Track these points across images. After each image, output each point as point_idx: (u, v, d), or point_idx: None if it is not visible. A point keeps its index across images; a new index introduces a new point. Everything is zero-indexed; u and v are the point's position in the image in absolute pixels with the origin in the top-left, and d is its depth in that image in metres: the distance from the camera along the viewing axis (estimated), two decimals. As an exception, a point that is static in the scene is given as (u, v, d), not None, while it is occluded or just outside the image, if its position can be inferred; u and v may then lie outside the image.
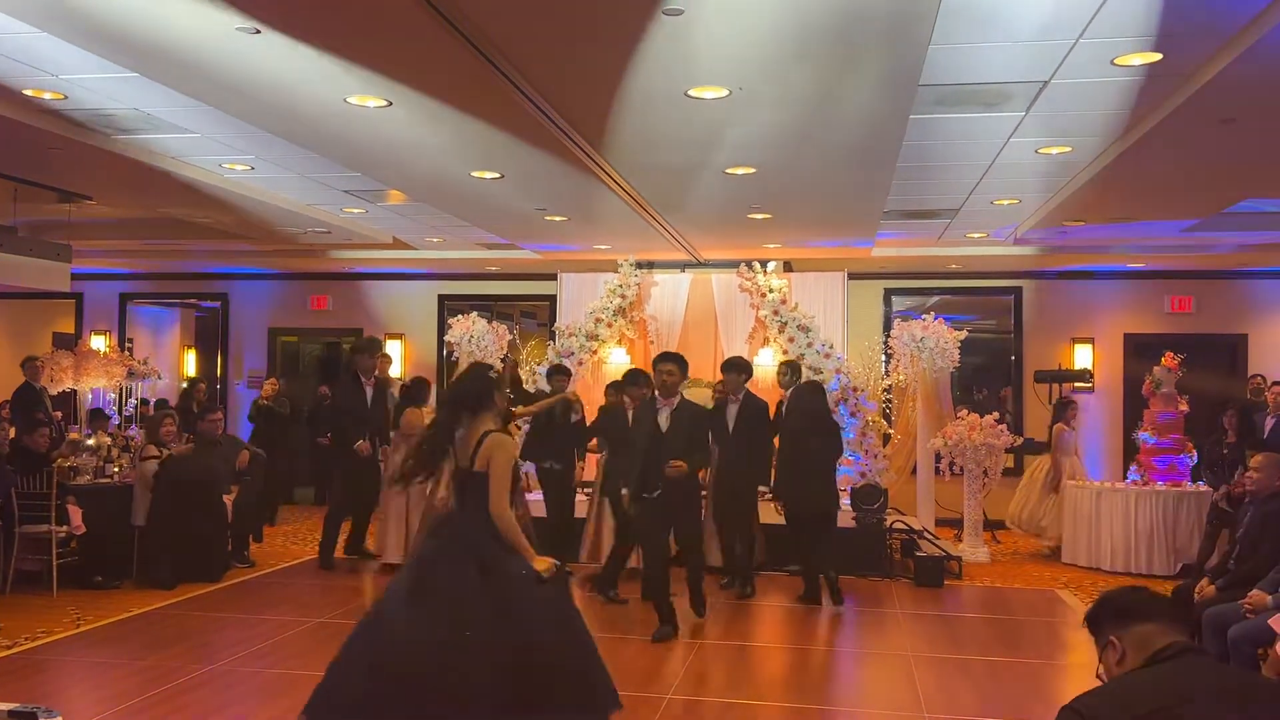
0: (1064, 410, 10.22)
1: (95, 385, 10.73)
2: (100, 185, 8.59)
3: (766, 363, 10.47)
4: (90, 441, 8.73)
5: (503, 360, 10.59)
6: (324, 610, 7.19)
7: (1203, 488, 9.12)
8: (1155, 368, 9.57)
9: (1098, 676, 2.49)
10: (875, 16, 4.45)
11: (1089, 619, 2.55)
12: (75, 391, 10.80)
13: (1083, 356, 12.08)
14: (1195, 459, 9.51)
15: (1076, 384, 11.80)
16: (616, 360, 10.90)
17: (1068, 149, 6.95)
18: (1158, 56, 5.08)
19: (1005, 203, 8.78)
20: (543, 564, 4.12)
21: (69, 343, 12.67)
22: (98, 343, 13.13)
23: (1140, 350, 11.76)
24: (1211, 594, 5.59)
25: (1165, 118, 5.81)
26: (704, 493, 8.06)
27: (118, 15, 4.62)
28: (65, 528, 7.60)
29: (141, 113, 6.45)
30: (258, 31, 4.70)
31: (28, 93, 6.02)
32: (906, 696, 5.50)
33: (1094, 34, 4.83)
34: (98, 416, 9.97)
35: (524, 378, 10.65)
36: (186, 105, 6.17)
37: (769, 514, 8.28)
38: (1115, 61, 5.19)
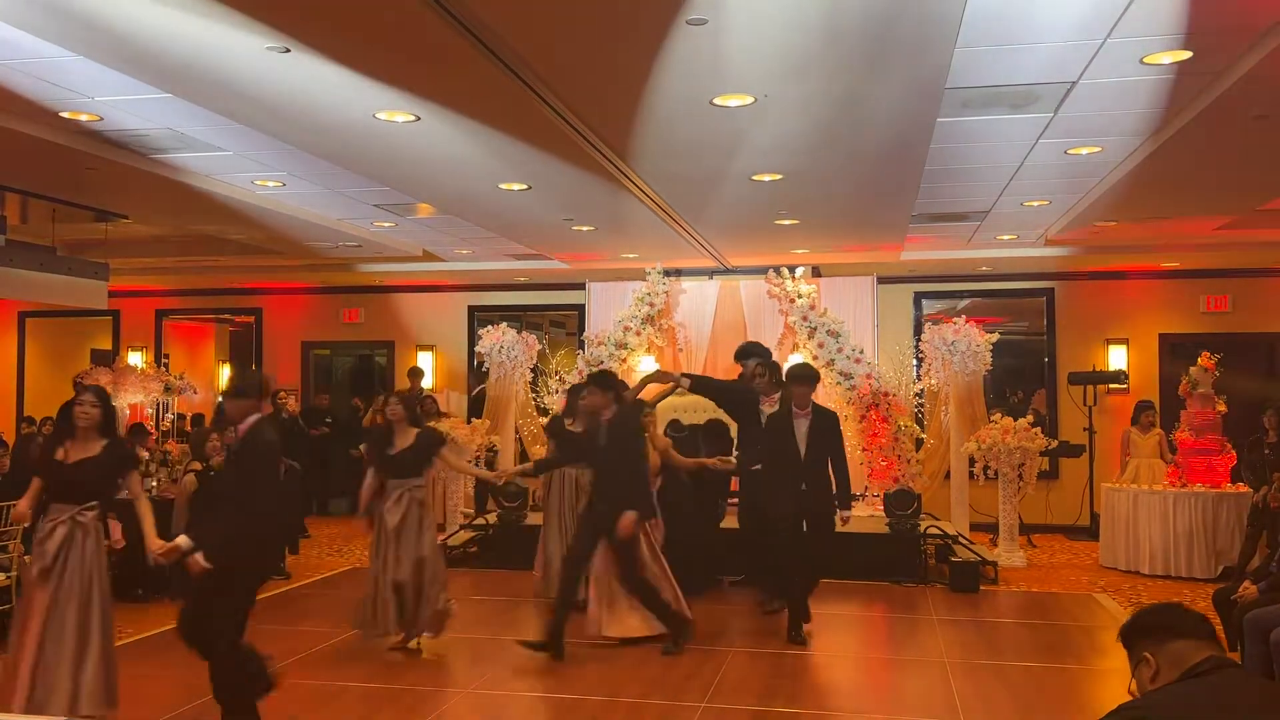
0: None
1: (133, 400, 10.89)
2: (136, 204, 8.73)
3: (796, 369, 10.43)
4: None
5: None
6: (360, 621, 7.23)
7: (1242, 489, 8.99)
8: (1191, 368, 9.45)
9: (1130, 692, 2.47)
10: (900, 20, 4.44)
11: (1123, 634, 2.53)
12: (115, 408, 10.94)
13: (1117, 358, 11.95)
14: (1234, 460, 9.38)
15: (1111, 385, 11.68)
16: (646, 368, 10.91)
17: (1097, 149, 6.89)
18: (1188, 54, 5.03)
19: (1035, 204, 8.72)
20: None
21: (107, 359, 12.87)
22: (135, 359, 13.33)
23: (1176, 351, 11.62)
24: (1253, 596, 5.51)
25: (1197, 115, 5.75)
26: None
27: (151, 38, 4.70)
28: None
29: (175, 132, 6.55)
30: (288, 50, 4.77)
31: (64, 115, 6.13)
32: (943, 703, 5.45)
33: (1122, 33, 4.79)
34: (137, 431, 10.10)
35: (553, 386, 10.74)
36: (219, 124, 6.26)
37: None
38: (1144, 60, 5.14)
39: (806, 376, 6.97)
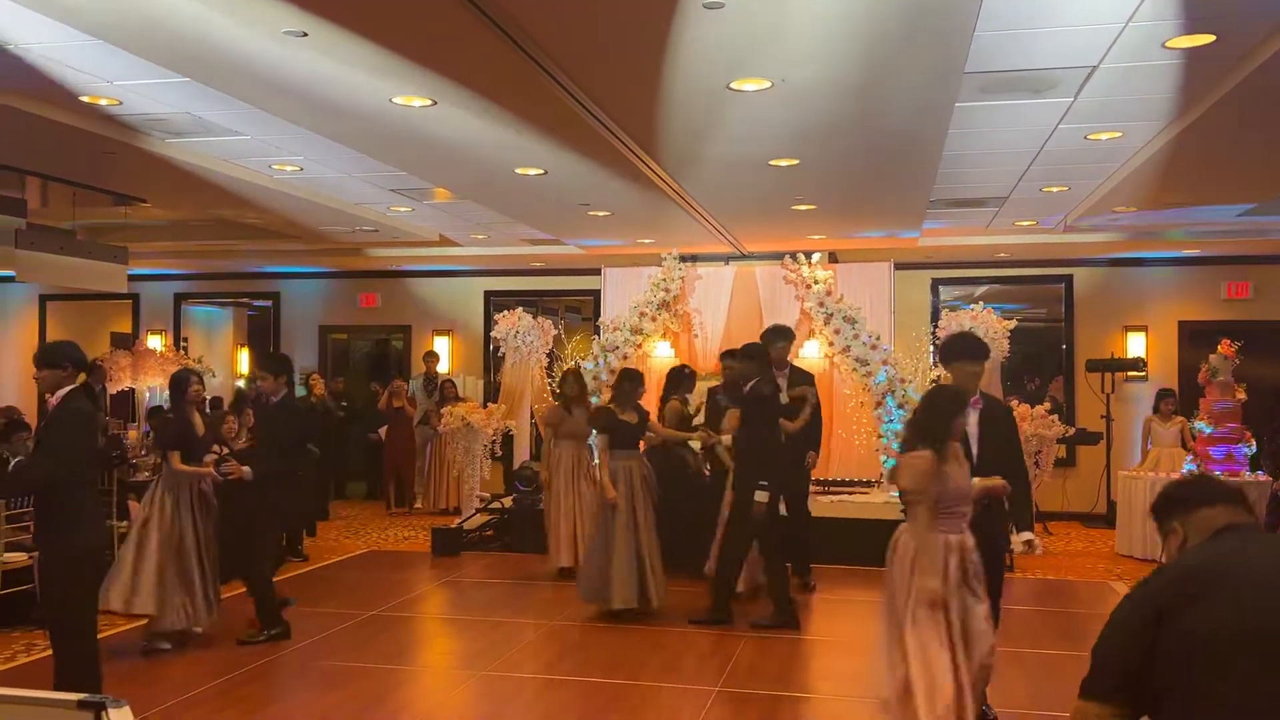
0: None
1: (152, 384, 10.98)
2: (155, 188, 8.77)
3: (812, 355, 10.42)
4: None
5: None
6: (377, 603, 7.29)
7: (1262, 478, 8.93)
8: (1211, 355, 9.37)
9: (1159, 563, 2.52)
10: (919, 4, 4.41)
11: (1155, 509, 2.55)
12: (134, 390, 11.04)
13: (1136, 345, 11.87)
14: (1254, 448, 9.31)
15: (1130, 373, 11.61)
16: (661, 354, 10.92)
17: (1118, 134, 6.83)
18: (1211, 38, 4.98)
19: (1054, 189, 8.65)
20: None
21: (126, 342, 12.96)
22: (154, 342, 13.42)
23: (1196, 338, 11.51)
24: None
25: (1219, 100, 5.69)
26: None
27: (169, 22, 4.72)
28: (126, 523, 7.78)
29: (193, 116, 6.58)
30: (305, 34, 4.78)
31: (84, 99, 6.16)
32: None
33: (1144, 17, 4.75)
34: (156, 414, 10.19)
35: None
36: (237, 108, 6.28)
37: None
38: (1167, 44, 5.09)
39: (969, 351, 4.87)
